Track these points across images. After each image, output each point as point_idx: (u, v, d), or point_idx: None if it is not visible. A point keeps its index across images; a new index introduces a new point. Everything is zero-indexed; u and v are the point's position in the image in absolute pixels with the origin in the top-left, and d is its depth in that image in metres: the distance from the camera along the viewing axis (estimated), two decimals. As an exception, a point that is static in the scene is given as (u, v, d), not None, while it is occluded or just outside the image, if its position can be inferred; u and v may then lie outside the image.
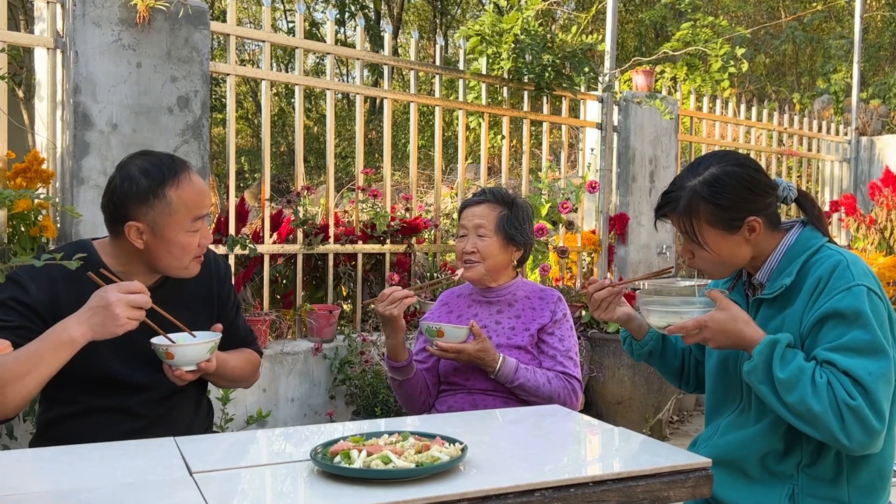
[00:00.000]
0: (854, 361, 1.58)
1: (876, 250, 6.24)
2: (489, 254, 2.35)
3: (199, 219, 1.88)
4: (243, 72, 3.73)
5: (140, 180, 1.83)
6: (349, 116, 11.91)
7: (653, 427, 4.36)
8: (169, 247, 1.86)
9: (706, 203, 1.72)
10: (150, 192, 1.83)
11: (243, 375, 2.15)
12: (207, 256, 2.07)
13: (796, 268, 1.72)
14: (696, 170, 1.77)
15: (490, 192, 2.42)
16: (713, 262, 1.78)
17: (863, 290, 1.62)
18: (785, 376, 1.59)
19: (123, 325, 1.66)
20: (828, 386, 1.57)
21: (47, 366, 1.65)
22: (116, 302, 1.65)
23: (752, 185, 1.74)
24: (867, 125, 7.95)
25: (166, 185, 1.83)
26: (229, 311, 2.13)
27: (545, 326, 2.35)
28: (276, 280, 3.95)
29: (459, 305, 2.48)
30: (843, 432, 1.56)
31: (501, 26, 4.71)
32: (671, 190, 1.80)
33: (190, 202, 1.86)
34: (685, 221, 1.76)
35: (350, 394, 3.72)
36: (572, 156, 7.97)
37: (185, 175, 1.87)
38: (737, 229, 1.73)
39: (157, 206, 1.83)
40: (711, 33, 5.96)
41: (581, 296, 4.63)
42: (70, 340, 1.65)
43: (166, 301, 1.92)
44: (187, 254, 1.89)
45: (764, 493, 1.73)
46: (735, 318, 1.67)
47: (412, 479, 1.37)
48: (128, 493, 1.35)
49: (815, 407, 1.56)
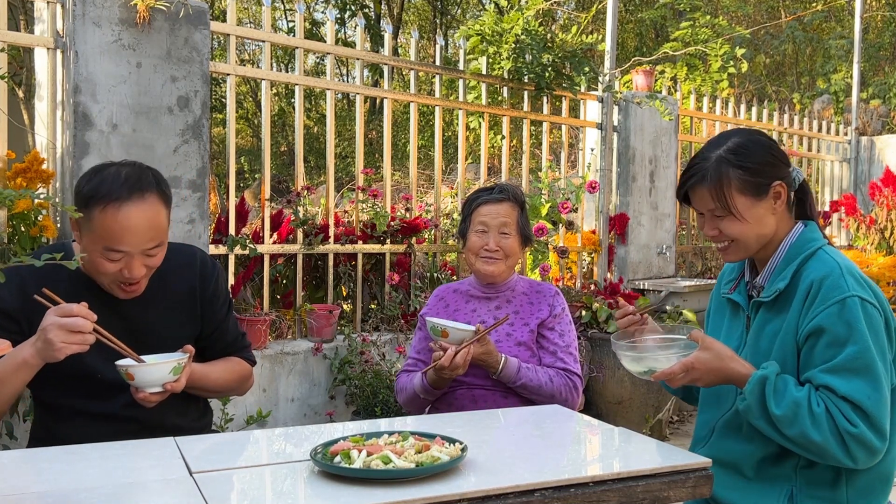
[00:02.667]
0: (852, 385, 1.56)
1: (876, 250, 6.24)
2: (512, 252, 2.38)
3: (113, 251, 1.79)
4: (243, 72, 3.73)
5: (85, 186, 1.80)
6: (349, 116, 11.90)
7: (653, 427, 4.36)
8: (89, 258, 1.81)
9: (735, 168, 1.71)
10: (83, 201, 1.79)
11: (228, 386, 2.11)
12: (194, 256, 2.05)
13: (791, 271, 1.71)
14: (718, 142, 1.76)
15: (510, 192, 2.43)
16: (743, 232, 1.73)
17: (856, 301, 1.61)
18: (781, 413, 1.58)
19: (60, 349, 1.63)
20: (827, 414, 1.56)
21: (10, 385, 1.71)
22: (49, 327, 1.64)
23: (774, 150, 1.76)
24: (867, 125, 7.95)
25: (96, 204, 1.77)
26: (216, 314, 2.07)
27: (544, 321, 2.36)
28: (276, 280, 3.95)
29: (457, 300, 2.47)
30: (848, 457, 1.57)
31: (502, 26, 4.71)
32: (695, 163, 1.77)
33: (105, 232, 1.77)
34: (715, 191, 1.72)
35: (350, 394, 3.72)
36: (572, 156, 7.97)
37: (119, 207, 1.76)
38: (764, 195, 1.72)
39: (84, 215, 1.78)
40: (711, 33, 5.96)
41: (581, 296, 4.63)
42: (24, 363, 1.68)
43: (142, 299, 1.90)
44: (102, 275, 1.83)
45: (762, 493, 1.72)
46: (721, 356, 1.66)
47: (412, 479, 1.37)
48: (128, 493, 1.35)
49: (816, 438, 1.56)
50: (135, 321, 1.93)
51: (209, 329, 2.07)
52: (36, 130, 3.13)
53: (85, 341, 1.66)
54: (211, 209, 4.06)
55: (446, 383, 2.27)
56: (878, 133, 8.04)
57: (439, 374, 2.20)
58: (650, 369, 1.70)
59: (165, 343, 1.93)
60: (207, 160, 3.32)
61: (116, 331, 1.81)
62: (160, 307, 1.96)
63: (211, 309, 2.06)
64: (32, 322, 1.77)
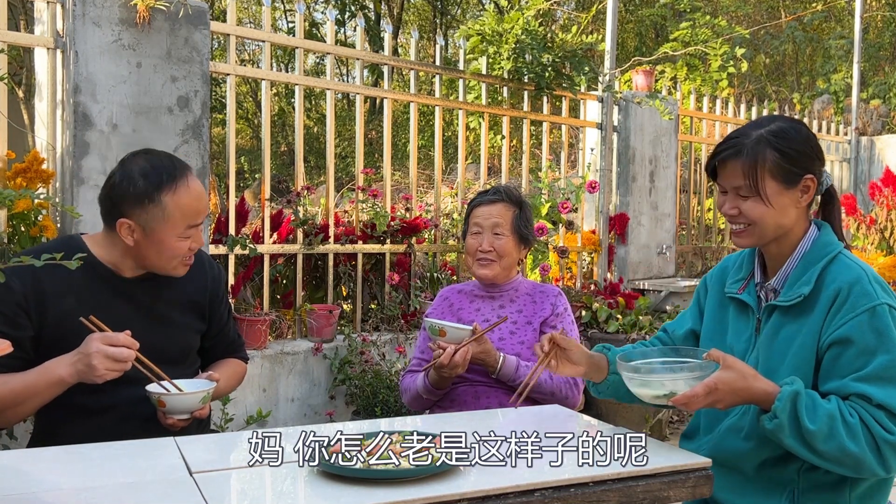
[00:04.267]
0: (888, 393, 1.54)
1: (876, 250, 6.23)
2: (506, 252, 2.40)
3: (193, 227, 1.87)
4: (243, 72, 3.73)
5: (138, 182, 1.82)
6: (349, 116, 11.90)
7: (653, 427, 4.35)
8: (158, 248, 1.85)
9: (773, 150, 1.67)
10: (146, 196, 1.81)
11: (229, 391, 2.18)
12: (203, 257, 2.08)
13: (814, 276, 1.67)
14: (761, 123, 1.73)
15: (504, 192, 2.46)
16: (764, 216, 1.68)
17: (885, 309, 1.59)
18: (817, 428, 1.53)
19: (102, 375, 1.69)
20: (862, 425, 1.53)
21: (41, 398, 1.76)
22: (95, 353, 1.68)
23: (813, 143, 1.73)
24: (867, 125, 7.96)
25: (163, 190, 1.81)
26: (221, 315, 2.12)
27: (547, 319, 2.39)
28: (276, 280, 3.95)
29: (461, 301, 2.50)
30: (882, 466, 1.54)
31: (502, 26, 4.71)
32: (732, 137, 1.72)
33: (185, 210, 1.84)
34: (748, 167, 1.67)
35: (350, 394, 3.72)
36: (572, 156, 7.97)
37: (184, 181, 1.84)
38: (795, 185, 1.69)
39: (151, 210, 1.82)
40: (710, 33, 5.96)
41: (581, 296, 4.63)
42: (59, 380, 1.73)
43: (154, 294, 1.94)
44: (175, 257, 1.88)
45: (764, 495, 1.71)
46: (745, 375, 1.58)
47: (412, 479, 1.37)
48: (128, 493, 1.35)
49: (854, 450, 1.52)
50: (148, 311, 1.96)
51: (214, 328, 2.11)
52: (36, 130, 3.13)
53: (125, 369, 1.71)
54: (211, 209, 4.06)
55: (448, 382, 2.30)
56: (878, 133, 8.04)
57: (439, 372, 2.23)
58: (670, 392, 1.59)
59: (177, 334, 1.97)
60: (207, 160, 3.32)
61: (130, 320, 1.84)
62: (171, 299, 1.99)
63: (217, 310, 2.11)
64: (43, 313, 1.80)
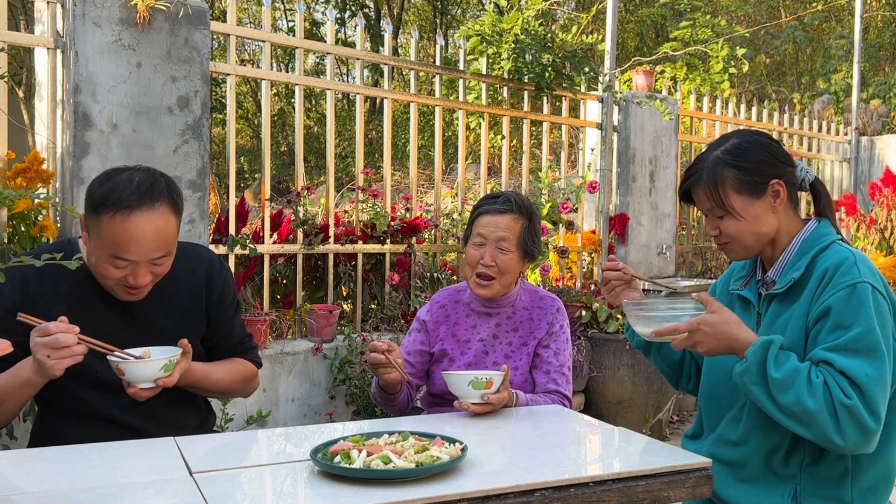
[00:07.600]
0: (852, 362, 1.57)
1: (876, 250, 6.24)
2: (508, 269, 2.24)
3: (119, 258, 1.79)
4: (243, 72, 3.73)
5: (96, 190, 1.79)
6: (349, 116, 11.90)
7: (653, 427, 4.36)
8: (93, 261, 1.82)
9: (729, 168, 1.74)
10: (92, 206, 1.78)
11: (231, 387, 2.10)
12: (200, 257, 2.05)
13: (805, 262, 1.72)
14: (718, 144, 1.80)
15: (515, 202, 2.28)
16: (741, 231, 1.75)
17: (867, 287, 1.62)
18: (780, 376, 1.58)
19: (52, 366, 1.65)
20: (824, 385, 1.57)
21: (16, 399, 1.77)
22: (35, 349, 1.66)
23: (772, 150, 1.77)
24: (867, 125, 7.96)
25: (106, 209, 1.76)
26: (224, 315, 2.07)
27: (541, 339, 2.30)
28: (276, 280, 3.95)
29: (457, 313, 2.38)
30: (838, 432, 1.55)
31: (501, 26, 4.71)
32: (693, 165, 1.80)
33: (113, 238, 1.76)
34: (710, 191, 1.75)
35: (350, 394, 3.72)
36: (572, 156, 7.97)
37: (128, 213, 1.75)
38: (762, 193, 1.74)
39: (91, 221, 1.79)
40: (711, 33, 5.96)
41: (581, 296, 4.63)
42: (28, 381, 1.73)
43: (144, 302, 1.91)
44: (106, 278, 1.83)
45: (767, 492, 1.72)
46: (727, 320, 1.65)
47: (412, 479, 1.37)
48: (128, 493, 1.35)
49: (811, 406, 1.55)
50: (139, 320, 1.94)
51: (215, 330, 2.07)
52: (36, 130, 3.13)
53: (74, 353, 1.67)
54: (211, 209, 4.07)
55: (397, 387, 2.18)
56: (878, 133, 8.04)
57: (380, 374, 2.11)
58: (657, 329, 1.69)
59: (171, 342, 1.93)
60: (207, 160, 3.32)
61: (121, 329, 1.82)
62: (164, 306, 1.96)
63: (217, 311, 2.06)
64: (32, 313, 1.78)
